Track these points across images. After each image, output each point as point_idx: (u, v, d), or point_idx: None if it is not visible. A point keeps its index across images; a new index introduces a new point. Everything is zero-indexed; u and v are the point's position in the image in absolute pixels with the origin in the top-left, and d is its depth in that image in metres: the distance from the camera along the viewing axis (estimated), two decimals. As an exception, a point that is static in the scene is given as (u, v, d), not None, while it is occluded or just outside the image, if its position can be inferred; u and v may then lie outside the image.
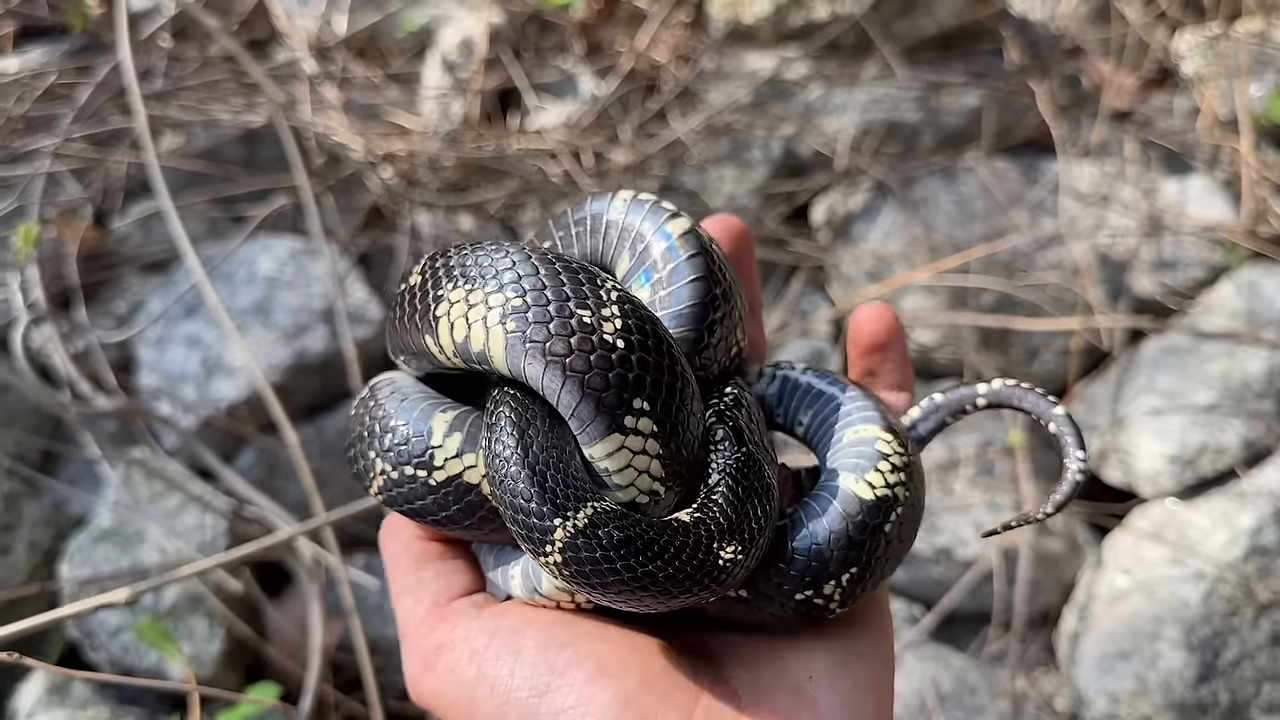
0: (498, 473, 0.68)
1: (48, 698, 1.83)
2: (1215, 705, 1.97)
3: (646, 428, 0.68)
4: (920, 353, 2.56)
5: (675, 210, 0.79)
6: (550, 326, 0.66)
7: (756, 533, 0.70)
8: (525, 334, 0.67)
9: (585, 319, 0.67)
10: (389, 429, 0.76)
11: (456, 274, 0.71)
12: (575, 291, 0.68)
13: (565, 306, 0.67)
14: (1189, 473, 2.20)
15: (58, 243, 2.35)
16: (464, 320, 0.70)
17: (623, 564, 0.64)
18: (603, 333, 0.67)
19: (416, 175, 2.57)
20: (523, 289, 0.68)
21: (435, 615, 0.79)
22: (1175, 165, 2.76)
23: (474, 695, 0.73)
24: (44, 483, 2.11)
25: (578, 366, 0.66)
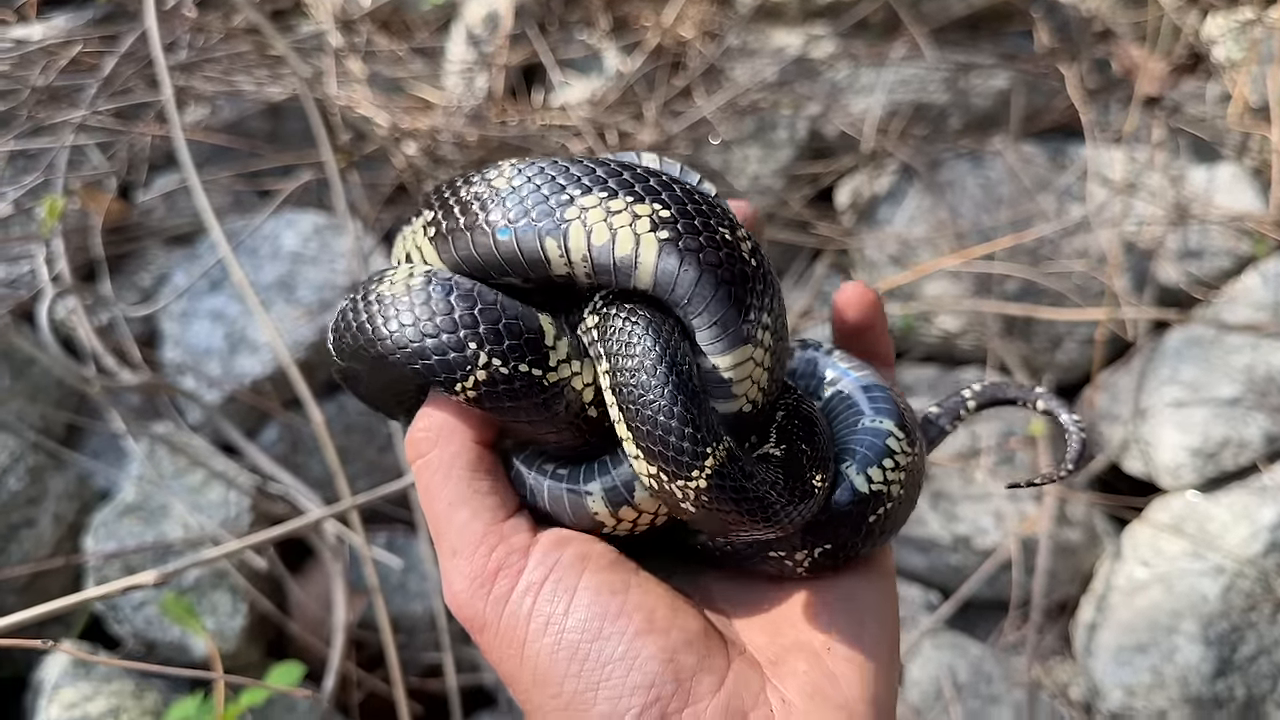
0: (643, 394, 0.69)
1: (73, 670, 1.85)
2: (1231, 700, 1.98)
3: (767, 340, 0.72)
4: (944, 339, 2.55)
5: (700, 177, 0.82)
6: (701, 238, 0.69)
7: (829, 463, 0.77)
8: (680, 243, 0.69)
9: (726, 235, 0.70)
10: (501, 320, 0.72)
11: (583, 181, 0.71)
12: (710, 209, 0.71)
13: (708, 222, 0.70)
14: (1210, 466, 2.20)
15: (82, 215, 2.35)
16: (605, 225, 0.70)
17: (754, 493, 0.69)
18: (740, 249, 0.70)
19: (440, 152, 2.56)
20: (666, 201, 0.70)
21: (495, 534, 0.77)
22: (1204, 153, 2.74)
23: (527, 629, 0.74)
24: (68, 456, 2.13)
25: (726, 277, 0.69)
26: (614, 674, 0.72)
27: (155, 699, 1.85)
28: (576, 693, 0.72)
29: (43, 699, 1.81)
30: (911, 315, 2.53)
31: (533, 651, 0.74)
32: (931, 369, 2.54)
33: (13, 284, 2.23)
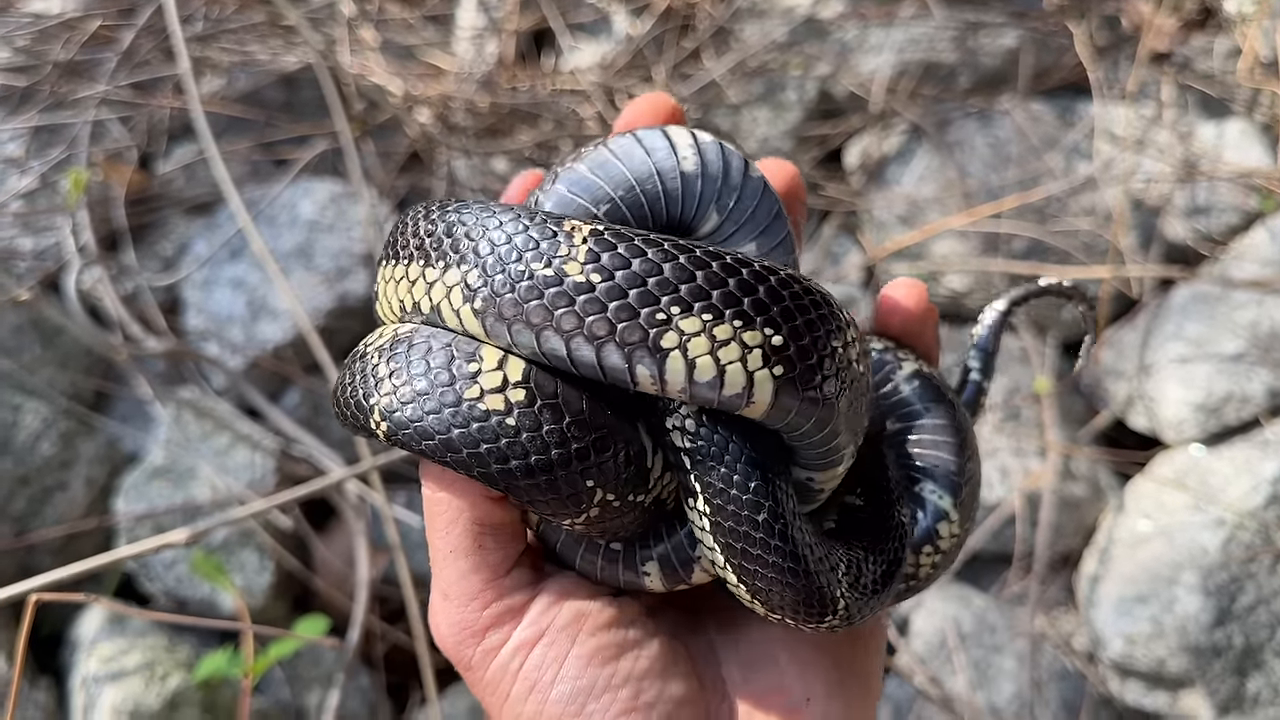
0: (758, 554, 0.63)
1: (108, 627, 1.93)
2: (1230, 648, 2.03)
3: (859, 444, 0.70)
4: (951, 298, 2.59)
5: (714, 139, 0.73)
6: (822, 370, 0.61)
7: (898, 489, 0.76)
8: (797, 380, 0.60)
9: (840, 351, 0.62)
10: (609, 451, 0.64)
11: (682, 292, 0.59)
12: (820, 317, 0.61)
13: (821, 341, 0.61)
14: (1213, 420, 2.23)
15: (105, 187, 2.40)
16: (710, 360, 0.59)
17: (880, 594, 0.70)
18: (856, 367, 0.63)
19: (453, 119, 2.60)
20: (778, 320, 0.59)
21: (493, 590, 0.74)
22: (1213, 109, 2.74)
23: (512, 687, 0.74)
24: (98, 421, 2.20)
25: (844, 407, 0.62)
26: None
27: (187, 653, 1.93)
28: None
29: (80, 654, 1.89)
30: (920, 275, 2.57)
31: (514, 713, 0.74)
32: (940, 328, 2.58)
33: (40, 255, 2.29)
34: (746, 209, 0.70)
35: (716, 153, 0.70)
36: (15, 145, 2.39)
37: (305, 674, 2.03)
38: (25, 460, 2.03)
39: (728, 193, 0.69)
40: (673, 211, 0.70)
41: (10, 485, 2.01)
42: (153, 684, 1.82)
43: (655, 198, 0.69)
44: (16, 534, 1.99)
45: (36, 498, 2.03)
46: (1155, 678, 2.07)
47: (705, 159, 0.69)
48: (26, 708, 1.81)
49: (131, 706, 1.78)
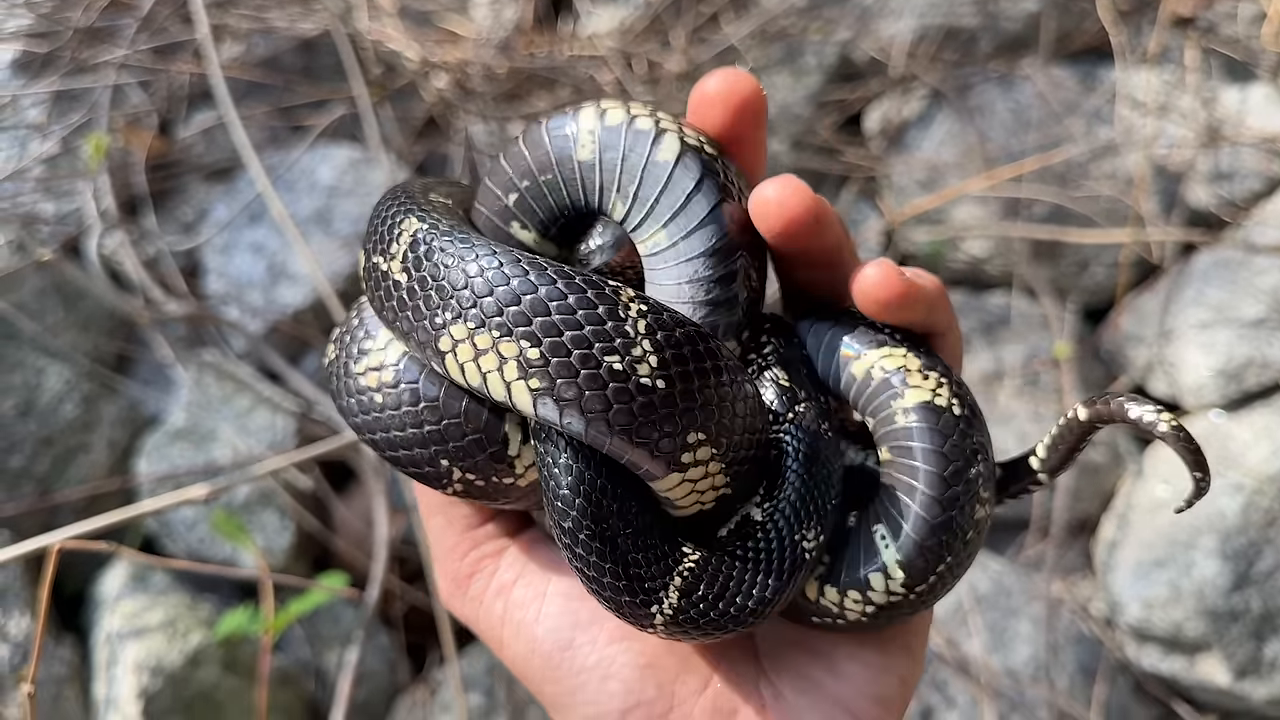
0: (576, 551, 0.63)
1: (131, 585, 1.96)
2: (1247, 612, 2.02)
3: (705, 455, 0.63)
4: (971, 264, 2.57)
5: (654, 119, 0.67)
6: (579, 381, 0.59)
7: (826, 512, 0.68)
8: (555, 392, 0.60)
9: (616, 366, 0.59)
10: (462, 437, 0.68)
11: (455, 299, 0.62)
12: (596, 332, 0.59)
13: (590, 355, 0.59)
14: (1234, 386, 2.22)
15: (125, 152, 2.41)
16: (475, 367, 0.61)
17: (723, 611, 0.65)
18: (639, 378, 0.59)
19: (470, 84, 2.59)
20: (537, 334, 0.59)
21: (468, 540, 0.77)
22: (1237, 73, 2.71)
23: (501, 633, 0.75)
24: (120, 384, 2.22)
25: (621, 421, 0.60)
26: (589, 683, 0.72)
27: (209, 611, 1.95)
28: (556, 696, 0.74)
29: (103, 612, 1.92)
30: (940, 241, 2.55)
31: (510, 654, 0.75)
32: (959, 293, 2.57)
33: (62, 220, 2.31)
34: (650, 195, 0.66)
35: (618, 138, 0.66)
36: (37, 111, 2.41)
37: (325, 633, 2.05)
38: (48, 422, 2.05)
39: (627, 180, 0.67)
40: (576, 199, 0.69)
41: (34, 446, 2.03)
42: (174, 641, 1.85)
43: (556, 186, 0.69)
44: (40, 494, 2.02)
45: (60, 459, 2.06)
46: (1172, 642, 2.07)
47: (602, 146, 0.67)
48: (51, 664, 1.84)
49: (153, 663, 1.80)
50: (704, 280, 0.66)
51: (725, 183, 0.66)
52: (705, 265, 0.66)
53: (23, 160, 2.32)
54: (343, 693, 1.76)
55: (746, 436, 0.65)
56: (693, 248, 0.66)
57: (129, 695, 1.78)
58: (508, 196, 0.71)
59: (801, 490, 0.67)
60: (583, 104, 0.68)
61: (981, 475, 0.68)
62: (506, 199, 0.71)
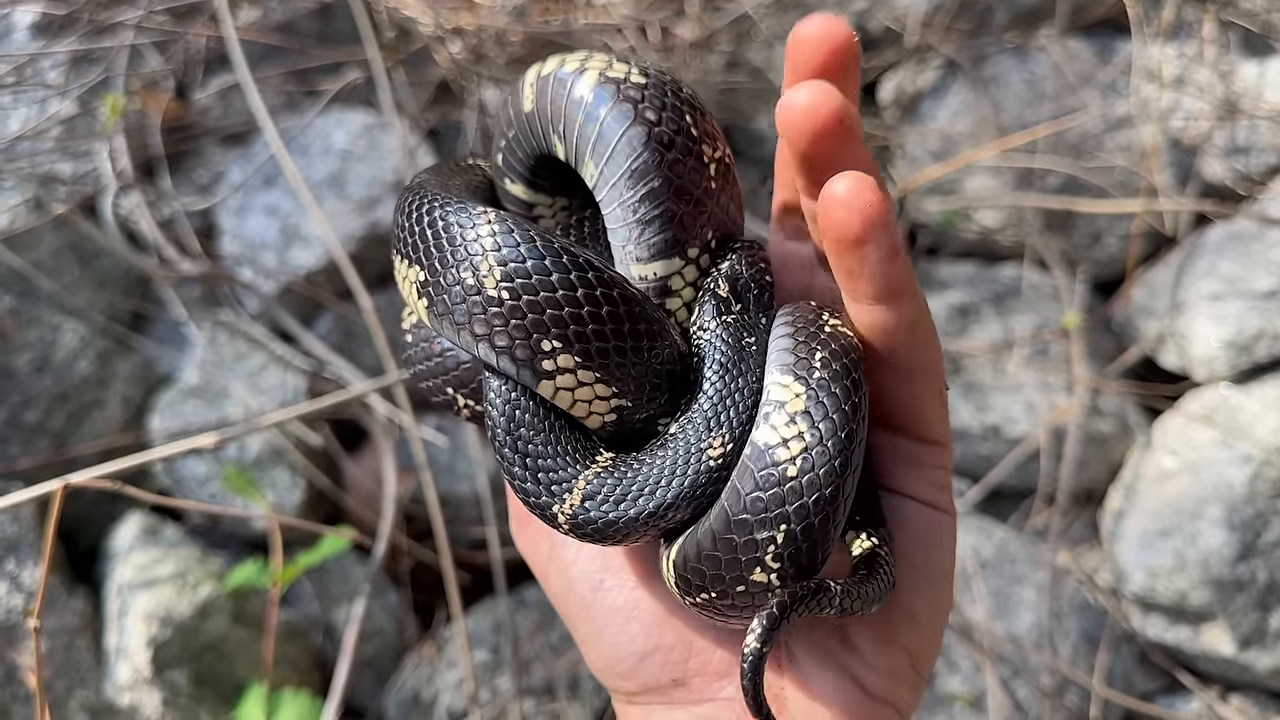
0: (500, 455, 0.69)
1: (142, 538, 1.98)
2: (1252, 582, 2.02)
3: (569, 363, 0.66)
4: (983, 235, 2.57)
5: (583, 62, 0.69)
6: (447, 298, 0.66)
7: (741, 421, 0.66)
8: (433, 306, 0.67)
9: (469, 280, 0.65)
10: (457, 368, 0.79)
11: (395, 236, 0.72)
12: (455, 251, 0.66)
13: (451, 273, 0.66)
14: (1244, 358, 2.21)
15: (142, 114, 2.43)
16: (400, 282, 0.72)
17: (620, 514, 0.66)
18: (487, 291, 0.65)
19: (484, 49, 2.60)
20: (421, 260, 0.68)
21: None
22: (1256, 47, 2.69)
23: (547, 570, 0.80)
24: (135, 342, 2.24)
25: (478, 330, 0.66)
26: (614, 624, 0.75)
27: (219, 565, 1.98)
28: (587, 634, 0.77)
29: (115, 564, 1.95)
30: (952, 211, 2.55)
31: (553, 591, 0.80)
32: (970, 265, 2.57)
33: (80, 180, 2.33)
34: (573, 132, 0.69)
35: (549, 85, 0.69)
36: (56, 73, 2.43)
37: (334, 590, 2.08)
38: (64, 378, 2.08)
39: (556, 121, 0.69)
40: (535, 149, 0.73)
41: (49, 401, 2.06)
42: (184, 592, 1.87)
43: (518, 140, 0.74)
44: (55, 448, 2.05)
45: (75, 414, 2.08)
46: (1177, 611, 2.07)
47: (538, 94, 0.70)
48: (65, 615, 1.86)
49: (163, 613, 1.83)
50: (630, 202, 0.68)
51: (644, 105, 0.67)
52: (627, 185, 0.67)
53: (41, 121, 2.34)
54: (348, 645, 1.79)
55: (625, 347, 0.66)
56: (613, 172, 0.67)
57: (139, 644, 1.80)
58: (498, 155, 0.77)
59: (715, 399, 0.67)
60: (543, 63, 0.71)
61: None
62: (497, 157, 0.77)
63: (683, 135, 0.67)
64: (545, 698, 1.99)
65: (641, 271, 0.70)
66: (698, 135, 0.68)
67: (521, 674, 2.00)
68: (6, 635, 1.78)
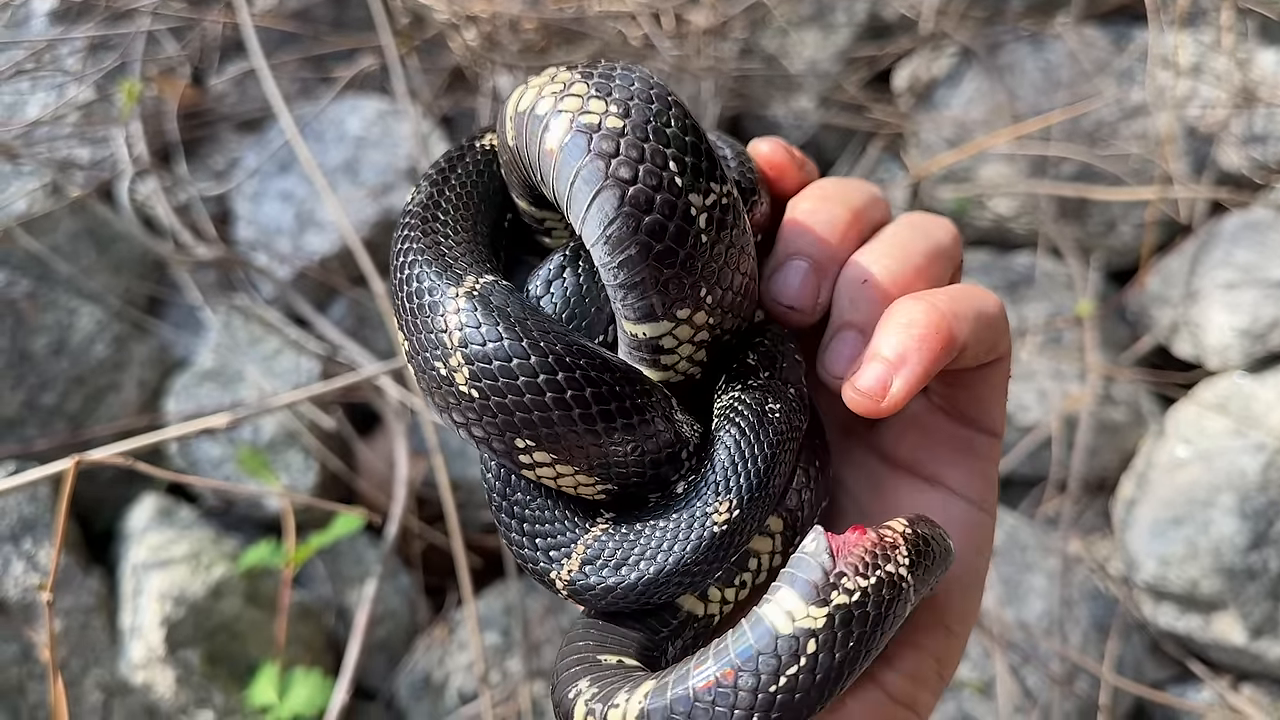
0: (498, 519, 0.68)
1: (157, 519, 2.00)
2: (1264, 571, 2.02)
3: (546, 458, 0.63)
4: (997, 222, 2.56)
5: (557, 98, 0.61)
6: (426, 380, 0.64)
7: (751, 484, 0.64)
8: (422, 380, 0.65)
9: (441, 371, 0.62)
10: None
11: None
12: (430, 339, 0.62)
13: (429, 358, 0.63)
14: (1258, 346, 2.20)
15: (158, 100, 2.45)
16: None
17: (617, 582, 0.63)
18: (458, 385, 0.61)
19: (498, 36, 2.61)
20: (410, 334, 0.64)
21: None
22: (1274, 34, 2.67)
23: None
24: (151, 325, 2.26)
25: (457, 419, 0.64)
26: None
27: (233, 546, 2.00)
28: None
29: (130, 545, 1.97)
30: (965, 198, 2.54)
31: None
32: (983, 252, 2.56)
33: (96, 165, 2.35)
34: (551, 183, 0.62)
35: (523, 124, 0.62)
36: (73, 59, 2.45)
37: (347, 572, 2.09)
38: (80, 361, 2.10)
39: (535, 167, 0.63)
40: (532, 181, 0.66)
41: (66, 384, 2.08)
42: (198, 573, 1.89)
43: (511, 165, 0.67)
44: (72, 431, 2.07)
45: (91, 397, 2.11)
46: (1188, 600, 2.07)
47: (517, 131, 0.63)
48: (80, 594, 1.89)
49: (176, 592, 1.85)
50: (610, 267, 0.61)
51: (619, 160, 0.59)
52: (605, 251, 0.61)
53: (59, 106, 2.36)
54: (359, 626, 1.80)
55: (603, 443, 0.62)
56: (591, 233, 0.61)
57: (152, 623, 1.82)
58: (502, 170, 0.70)
59: (728, 464, 0.64)
60: (529, 79, 0.64)
61: None
62: (503, 171, 0.71)
63: (664, 190, 0.59)
64: (555, 680, 2.01)
65: (631, 329, 0.64)
66: (682, 186, 0.59)
67: (531, 656, 2.01)
68: (24, 613, 1.80)
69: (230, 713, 1.85)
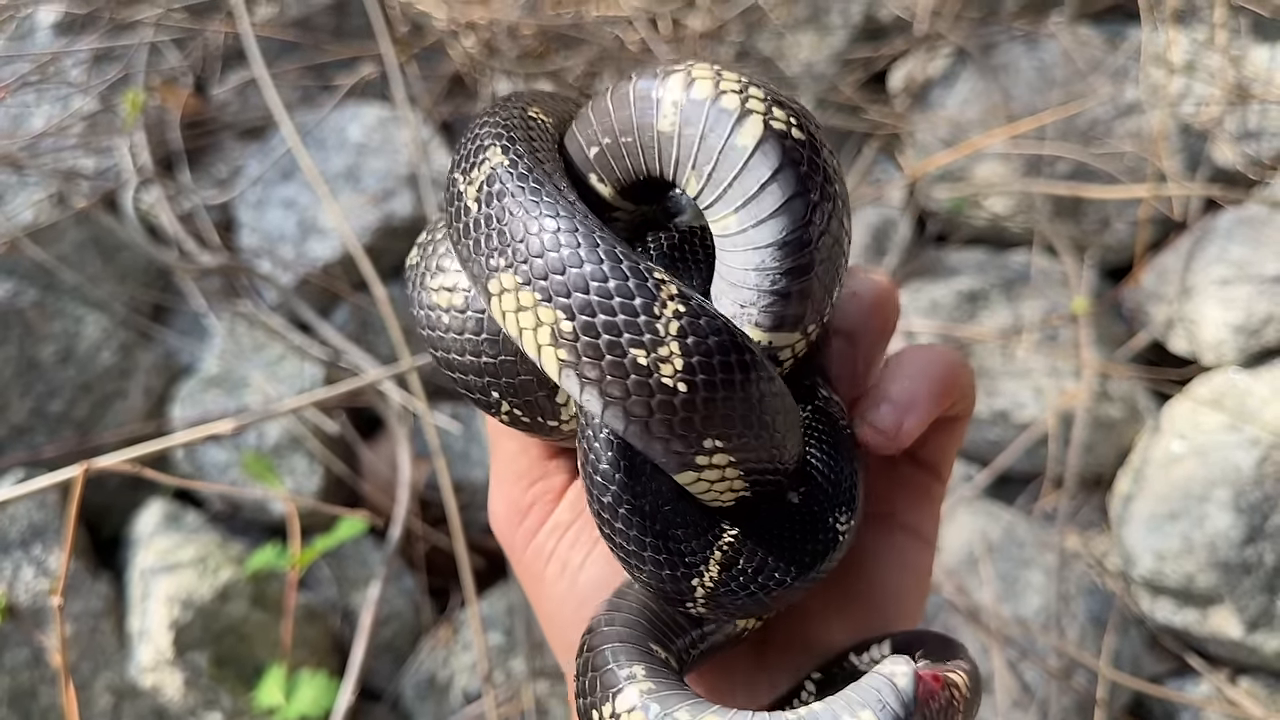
0: (615, 526, 0.63)
1: (164, 524, 2.03)
2: (1260, 565, 2.04)
3: (723, 461, 0.62)
4: (992, 221, 2.58)
5: (742, 97, 0.62)
6: (603, 365, 0.59)
7: (855, 496, 0.68)
8: (579, 369, 0.60)
9: (640, 360, 0.58)
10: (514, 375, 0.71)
11: (511, 247, 0.61)
12: (628, 323, 0.58)
13: (618, 344, 0.59)
14: (1253, 342, 2.22)
15: (161, 110, 2.48)
16: (514, 320, 0.62)
17: (761, 588, 0.64)
18: (661, 377, 0.58)
19: (496, 43, 2.63)
20: (572, 310, 0.59)
21: (538, 469, 0.78)
22: (1267, 31, 2.68)
23: (545, 567, 0.76)
24: (156, 333, 2.29)
25: (637, 412, 0.59)
26: None
27: (239, 550, 2.02)
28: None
29: (138, 550, 2.00)
30: (961, 198, 2.56)
31: (548, 592, 0.76)
32: (979, 251, 2.58)
33: (101, 175, 2.38)
34: (724, 178, 0.62)
35: (699, 114, 0.62)
36: (77, 70, 2.48)
37: (352, 575, 2.12)
38: (87, 368, 2.13)
39: (704, 159, 0.63)
40: (652, 167, 0.66)
41: (73, 392, 2.11)
42: (205, 576, 1.92)
43: (634, 150, 0.66)
44: (79, 438, 2.10)
45: (98, 404, 2.13)
46: (1184, 594, 2.09)
47: (684, 119, 0.63)
48: (90, 599, 1.92)
49: (184, 596, 1.88)
50: (770, 271, 0.63)
51: (807, 173, 0.61)
52: (773, 256, 0.62)
53: (64, 118, 2.39)
54: (364, 626, 1.83)
55: (772, 449, 0.64)
56: (762, 237, 0.62)
57: (160, 627, 1.85)
58: (589, 149, 0.69)
59: (829, 475, 0.67)
60: (673, 68, 0.65)
61: None
62: (588, 151, 0.69)
63: (838, 215, 0.63)
64: (558, 679, 2.03)
65: (755, 335, 0.64)
66: (844, 208, 0.63)
67: (535, 656, 2.04)
68: (35, 618, 1.83)
69: (238, 714, 1.88)
